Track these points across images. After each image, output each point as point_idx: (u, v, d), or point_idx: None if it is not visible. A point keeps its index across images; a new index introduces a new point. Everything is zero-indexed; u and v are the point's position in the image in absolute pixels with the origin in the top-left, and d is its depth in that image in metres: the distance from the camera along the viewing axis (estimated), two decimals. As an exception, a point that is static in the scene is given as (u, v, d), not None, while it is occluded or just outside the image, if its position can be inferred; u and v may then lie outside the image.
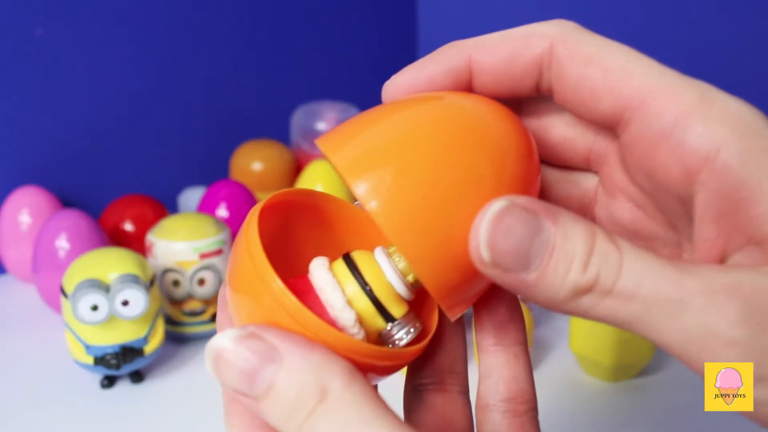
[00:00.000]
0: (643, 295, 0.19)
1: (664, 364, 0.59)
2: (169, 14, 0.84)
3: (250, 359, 0.21)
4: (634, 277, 0.19)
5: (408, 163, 0.21)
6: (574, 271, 0.19)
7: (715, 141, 0.20)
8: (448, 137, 0.22)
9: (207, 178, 0.85)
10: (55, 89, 0.77)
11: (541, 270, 0.20)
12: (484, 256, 0.20)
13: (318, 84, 0.96)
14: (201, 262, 0.61)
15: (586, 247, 0.19)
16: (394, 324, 0.24)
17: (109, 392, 0.56)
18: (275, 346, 0.21)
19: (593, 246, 0.19)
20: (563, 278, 0.19)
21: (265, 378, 0.21)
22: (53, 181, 0.77)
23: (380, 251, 0.24)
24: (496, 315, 0.26)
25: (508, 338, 0.26)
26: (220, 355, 0.21)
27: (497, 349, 0.26)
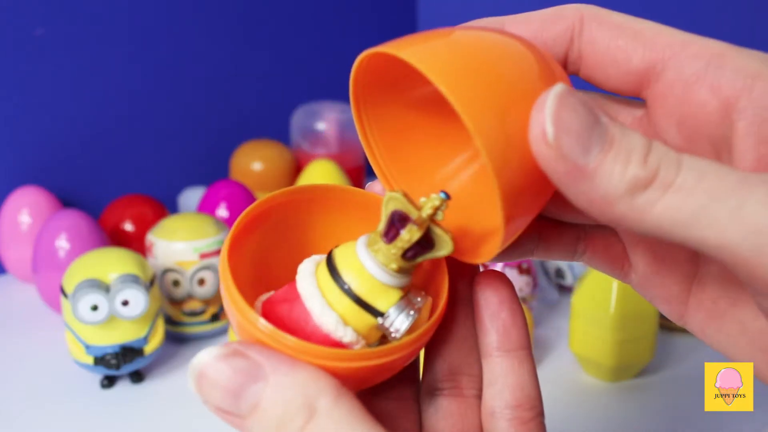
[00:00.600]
0: (706, 188, 0.18)
1: (664, 364, 0.59)
2: (169, 14, 0.84)
3: (234, 377, 0.21)
4: (696, 170, 0.18)
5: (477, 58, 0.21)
6: (634, 163, 0.19)
7: (750, 71, 0.21)
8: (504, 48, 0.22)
9: (207, 178, 0.85)
10: (55, 89, 0.77)
11: (600, 158, 0.19)
12: (548, 131, 0.19)
13: (318, 84, 0.96)
14: (201, 262, 0.61)
15: (644, 143, 0.19)
16: (385, 316, 0.23)
17: (109, 392, 0.56)
18: (260, 363, 0.21)
19: (650, 144, 0.19)
20: (623, 169, 0.19)
21: (251, 396, 0.20)
22: (53, 181, 0.77)
23: (361, 242, 0.23)
24: (498, 319, 0.25)
25: (512, 343, 0.25)
26: (203, 373, 0.21)
27: (501, 354, 0.25)
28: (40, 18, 0.75)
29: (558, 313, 0.66)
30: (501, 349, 0.25)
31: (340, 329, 0.23)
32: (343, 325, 0.23)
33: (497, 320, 0.25)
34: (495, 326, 0.25)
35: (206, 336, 0.64)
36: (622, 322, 0.54)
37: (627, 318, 0.54)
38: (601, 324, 0.54)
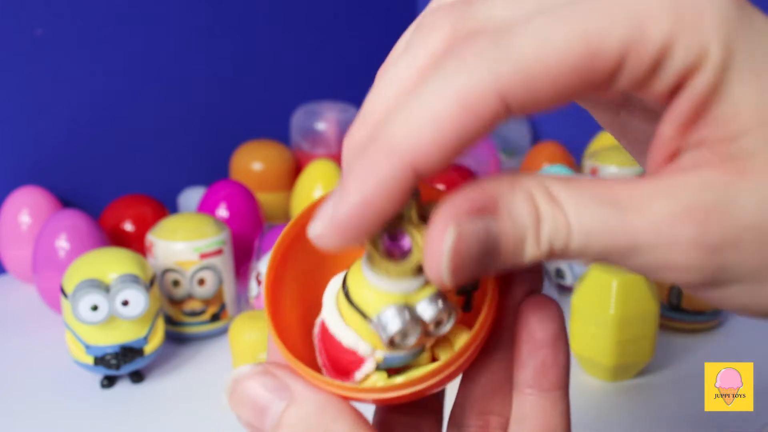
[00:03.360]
0: (596, 248, 0.19)
1: (664, 364, 0.59)
2: (170, 14, 0.84)
3: (263, 394, 0.22)
4: (584, 234, 0.19)
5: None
6: (529, 247, 0.20)
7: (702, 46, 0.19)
8: None
9: (207, 178, 0.85)
10: (55, 89, 0.77)
11: (500, 263, 0.20)
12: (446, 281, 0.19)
13: (318, 84, 0.97)
14: (201, 262, 0.61)
15: (533, 221, 0.19)
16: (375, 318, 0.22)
17: (109, 392, 0.56)
18: (287, 384, 0.22)
19: (539, 215, 0.19)
20: (521, 256, 0.20)
21: (275, 414, 0.22)
22: (53, 181, 0.77)
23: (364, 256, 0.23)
24: (538, 355, 0.23)
25: (548, 383, 0.23)
26: (235, 388, 0.22)
27: (534, 393, 0.23)
28: (40, 18, 0.75)
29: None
30: (535, 387, 0.23)
31: (361, 345, 0.22)
32: (362, 340, 0.22)
33: (537, 358, 0.23)
34: (533, 363, 0.23)
35: (206, 336, 0.64)
36: (622, 322, 0.54)
37: (627, 318, 0.54)
38: (601, 324, 0.54)
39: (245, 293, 0.66)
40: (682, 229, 0.19)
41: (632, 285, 0.54)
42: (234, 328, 0.55)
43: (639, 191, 0.19)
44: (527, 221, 0.19)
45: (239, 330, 0.55)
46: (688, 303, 0.63)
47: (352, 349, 0.23)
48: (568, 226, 0.19)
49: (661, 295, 0.63)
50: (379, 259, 0.22)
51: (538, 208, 0.19)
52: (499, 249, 0.19)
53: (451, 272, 0.19)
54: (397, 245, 0.22)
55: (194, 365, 0.60)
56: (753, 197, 0.18)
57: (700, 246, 0.19)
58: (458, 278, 0.19)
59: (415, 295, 0.22)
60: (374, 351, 0.22)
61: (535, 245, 0.19)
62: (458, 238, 0.19)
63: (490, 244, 0.19)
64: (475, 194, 0.19)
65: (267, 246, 0.67)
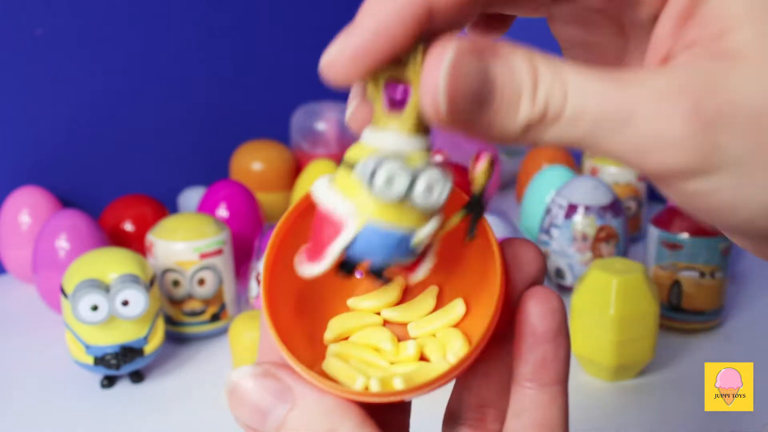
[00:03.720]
0: (591, 114, 0.19)
1: (664, 364, 0.59)
2: (170, 14, 0.84)
3: (264, 397, 0.21)
4: (580, 98, 0.19)
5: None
6: (525, 105, 0.19)
7: None
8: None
9: (207, 178, 0.85)
10: (55, 89, 0.77)
11: (494, 111, 0.19)
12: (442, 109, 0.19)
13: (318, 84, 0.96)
14: (201, 262, 0.61)
15: (531, 78, 0.19)
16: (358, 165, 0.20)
17: (109, 392, 0.56)
18: (290, 386, 0.22)
19: (537, 75, 0.19)
20: (515, 114, 0.19)
21: (277, 417, 0.21)
22: (53, 181, 0.77)
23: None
24: (538, 350, 0.23)
25: (548, 377, 0.23)
26: (235, 389, 0.22)
27: (533, 387, 0.23)
28: (40, 18, 0.75)
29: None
30: (534, 381, 0.23)
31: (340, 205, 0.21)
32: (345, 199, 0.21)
33: (537, 352, 0.23)
34: (533, 358, 0.23)
35: (206, 336, 0.64)
36: (622, 322, 0.54)
37: (627, 318, 0.54)
38: (601, 324, 0.54)
39: (245, 293, 0.66)
40: (678, 101, 0.19)
41: (632, 285, 0.54)
42: (234, 328, 0.55)
43: (638, 73, 0.19)
44: (525, 75, 0.19)
45: (239, 330, 0.55)
46: (688, 303, 0.63)
47: (330, 210, 0.21)
48: (565, 88, 0.19)
49: (661, 295, 0.63)
50: (380, 111, 0.21)
51: (537, 68, 0.19)
52: (495, 95, 0.19)
53: (448, 98, 0.19)
54: (397, 94, 0.21)
55: (194, 365, 0.60)
56: (746, 80, 0.19)
57: (695, 117, 0.18)
58: (454, 110, 0.19)
59: (413, 155, 0.21)
60: (357, 213, 0.20)
61: (530, 102, 0.19)
62: (455, 62, 0.19)
63: (487, 85, 0.19)
64: (476, 40, 0.19)
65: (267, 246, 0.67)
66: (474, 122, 0.19)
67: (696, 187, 0.19)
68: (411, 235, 0.21)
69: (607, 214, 0.68)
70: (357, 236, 0.20)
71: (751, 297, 0.71)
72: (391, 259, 0.21)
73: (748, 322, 0.66)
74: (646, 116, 0.19)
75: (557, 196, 0.71)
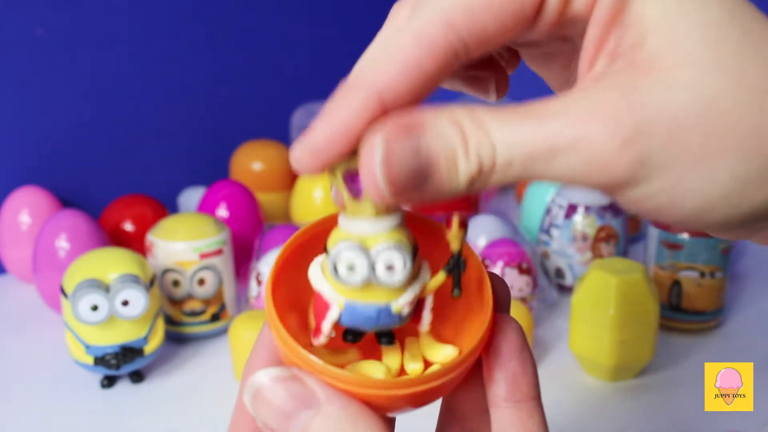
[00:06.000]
0: (520, 158, 0.20)
1: (664, 364, 0.59)
2: (170, 14, 0.84)
3: (289, 401, 0.22)
4: (506, 146, 0.20)
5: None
6: (462, 164, 0.20)
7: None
8: None
9: (207, 178, 0.85)
10: (55, 89, 0.77)
11: (437, 179, 0.20)
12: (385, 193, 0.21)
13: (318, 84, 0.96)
14: (201, 262, 0.61)
15: (461, 137, 0.20)
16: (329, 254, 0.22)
17: (109, 392, 0.56)
18: (315, 392, 0.22)
19: (464, 133, 0.20)
20: (456, 175, 0.20)
21: (301, 421, 0.21)
22: (53, 181, 0.77)
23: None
24: (507, 368, 0.24)
25: (521, 393, 0.24)
26: (259, 391, 0.22)
27: (509, 405, 0.24)
28: (40, 18, 0.75)
29: (558, 313, 0.66)
30: (509, 400, 0.24)
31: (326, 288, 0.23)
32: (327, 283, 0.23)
33: (506, 370, 0.24)
34: (504, 376, 0.24)
35: (206, 336, 0.64)
36: (622, 322, 0.54)
37: (627, 318, 0.54)
38: (601, 324, 0.54)
39: (245, 293, 0.66)
40: (595, 123, 0.20)
41: (632, 285, 0.54)
42: (234, 328, 0.55)
43: (554, 103, 0.20)
44: (454, 138, 0.20)
45: (239, 330, 0.55)
46: (688, 303, 0.63)
47: (320, 292, 0.23)
48: (492, 141, 0.20)
49: (661, 295, 0.63)
50: (347, 198, 0.23)
51: (462, 127, 0.20)
52: (433, 165, 0.20)
53: (388, 183, 0.20)
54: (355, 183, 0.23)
55: (194, 365, 0.60)
56: (657, 89, 0.20)
57: (614, 136, 0.19)
58: (398, 192, 0.20)
59: (375, 238, 0.22)
60: (337, 296, 0.22)
61: (465, 161, 0.20)
62: (387, 148, 0.20)
63: (423, 159, 0.20)
64: (402, 118, 0.21)
65: (267, 246, 0.67)
66: (421, 193, 0.21)
67: (633, 195, 0.20)
68: (390, 306, 0.23)
69: (607, 214, 0.68)
70: (342, 313, 0.22)
71: (751, 297, 0.71)
72: (381, 326, 0.23)
73: (748, 322, 0.66)
74: (571, 143, 0.20)
75: (557, 196, 0.71)
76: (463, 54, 0.22)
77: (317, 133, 0.21)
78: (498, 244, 0.64)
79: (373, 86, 0.21)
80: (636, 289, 0.54)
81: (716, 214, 0.20)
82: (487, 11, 0.21)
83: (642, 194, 0.20)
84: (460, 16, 0.21)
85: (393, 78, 0.21)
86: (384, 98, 0.21)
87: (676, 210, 0.20)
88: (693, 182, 0.20)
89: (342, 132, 0.21)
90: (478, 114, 0.21)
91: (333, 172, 0.22)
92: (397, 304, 0.22)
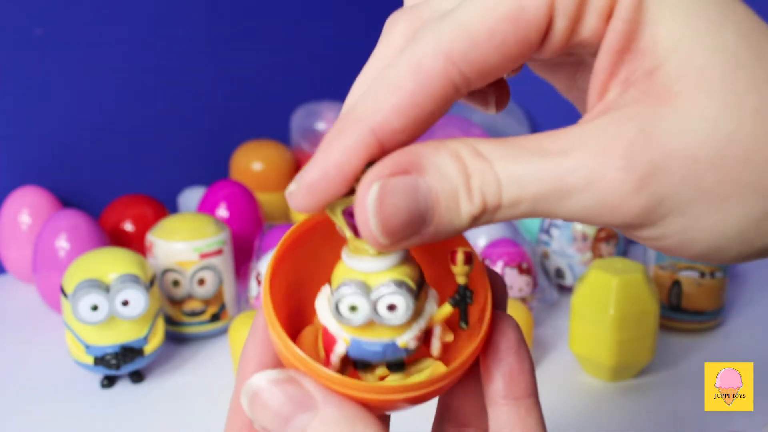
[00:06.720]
0: (528, 197, 0.19)
1: (664, 364, 0.59)
2: (169, 14, 0.84)
3: (286, 403, 0.21)
4: (514, 185, 0.19)
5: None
6: (464, 204, 0.20)
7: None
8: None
9: (207, 178, 0.85)
10: (55, 89, 0.77)
11: (437, 220, 0.20)
12: (383, 243, 0.20)
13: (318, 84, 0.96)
14: (201, 262, 0.61)
15: (463, 176, 0.20)
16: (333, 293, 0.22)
17: (109, 392, 0.56)
18: (312, 394, 0.21)
19: (467, 171, 0.20)
20: (458, 214, 0.20)
21: (299, 424, 0.21)
22: (53, 181, 0.77)
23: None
24: (504, 365, 0.24)
25: (519, 390, 0.24)
26: (257, 394, 0.22)
27: (507, 402, 0.24)
28: (40, 18, 0.75)
29: (558, 313, 0.66)
30: (508, 397, 0.24)
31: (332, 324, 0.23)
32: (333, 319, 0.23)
33: (504, 367, 0.24)
34: (501, 373, 0.24)
35: (206, 336, 0.64)
36: (622, 322, 0.54)
37: (627, 318, 0.54)
38: (601, 324, 0.54)
39: (245, 293, 0.66)
40: (609, 162, 0.19)
41: (632, 285, 0.54)
42: (234, 328, 0.55)
43: (563, 138, 0.20)
44: (456, 177, 0.20)
45: (239, 330, 0.55)
46: (688, 303, 0.63)
47: (327, 327, 0.23)
48: (498, 178, 0.19)
49: (661, 295, 0.63)
50: (349, 236, 0.22)
51: (465, 163, 0.20)
52: (433, 206, 0.20)
53: (384, 233, 0.20)
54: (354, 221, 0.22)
55: (194, 365, 0.60)
56: (674, 123, 0.19)
57: (629, 176, 0.19)
58: (394, 236, 0.20)
59: (377, 276, 0.22)
60: (342, 332, 0.22)
61: (468, 200, 0.20)
62: (381, 191, 0.20)
63: (421, 204, 0.20)
64: (399, 157, 0.20)
65: (267, 246, 0.67)
66: (421, 237, 0.20)
67: (647, 235, 0.20)
68: (395, 342, 0.22)
69: (607, 214, 0.68)
70: (349, 348, 0.23)
71: (751, 297, 0.71)
72: (389, 359, 0.23)
73: (748, 322, 0.66)
74: (584, 183, 0.19)
75: (557, 196, 0.71)
76: (463, 88, 0.21)
77: (312, 171, 0.21)
78: (498, 244, 0.64)
79: (368, 123, 0.20)
80: (636, 289, 0.54)
81: (731, 251, 0.20)
82: (488, 42, 0.20)
83: (656, 235, 0.20)
84: (460, 47, 0.20)
85: (388, 115, 0.20)
86: (379, 135, 0.20)
87: (690, 249, 0.20)
88: (708, 222, 0.19)
89: (337, 170, 0.20)
90: (482, 149, 0.20)
91: (333, 210, 0.22)
92: (402, 340, 0.22)
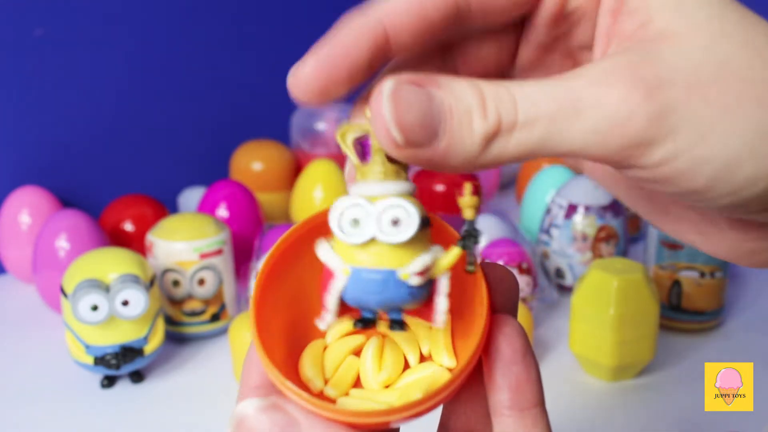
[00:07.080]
0: (544, 113, 0.20)
1: (664, 364, 0.59)
2: (169, 14, 0.84)
3: (271, 430, 0.22)
4: (529, 101, 0.20)
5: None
6: (477, 121, 0.20)
7: None
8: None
9: (207, 178, 0.85)
10: (55, 89, 0.77)
11: (449, 133, 0.20)
12: (396, 137, 0.20)
13: (318, 84, 0.97)
14: (201, 262, 0.61)
15: (477, 96, 0.20)
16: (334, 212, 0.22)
17: (109, 392, 0.56)
18: (297, 420, 0.22)
19: (482, 92, 0.20)
20: (470, 132, 0.20)
21: None
22: (53, 181, 0.77)
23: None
24: (510, 375, 0.23)
25: (526, 401, 0.23)
26: (242, 422, 0.22)
27: (513, 413, 0.23)
28: (40, 18, 0.75)
29: (558, 313, 0.66)
30: (514, 408, 0.23)
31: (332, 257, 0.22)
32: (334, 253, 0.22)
33: (510, 376, 0.23)
34: (507, 382, 0.23)
35: (206, 336, 0.64)
36: (622, 322, 0.54)
37: (627, 318, 0.54)
38: (601, 324, 0.54)
39: (245, 293, 0.66)
40: (618, 78, 0.20)
41: (632, 285, 0.54)
42: (234, 328, 0.55)
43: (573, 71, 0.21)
44: (471, 97, 0.20)
45: (239, 330, 0.55)
46: (688, 303, 0.63)
47: (326, 263, 0.22)
48: (513, 97, 0.20)
49: (661, 295, 0.63)
50: (357, 165, 0.22)
51: (480, 88, 0.20)
52: (446, 118, 0.20)
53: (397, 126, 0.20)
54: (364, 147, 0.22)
55: (194, 365, 0.60)
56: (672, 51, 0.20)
57: (637, 87, 0.20)
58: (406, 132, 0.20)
59: (383, 197, 0.21)
60: (343, 263, 0.21)
61: (482, 117, 0.20)
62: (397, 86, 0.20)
63: (435, 109, 0.20)
64: (415, 75, 0.20)
65: (267, 246, 0.67)
66: (433, 150, 0.20)
67: (657, 157, 0.20)
68: (396, 272, 0.21)
69: (607, 214, 0.68)
70: (348, 283, 0.21)
71: (751, 297, 0.71)
72: (388, 301, 0.21)
73: (748, 322, 0.66)
74: (594, 100, 0.20)
75: (557, 196, 0.71)
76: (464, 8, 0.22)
77: (318, 49, 0.21)
78: (498, 244, 0.64)
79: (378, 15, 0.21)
80: (636, 289, 0.54)
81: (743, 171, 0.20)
82: None
83: (666, 155, 0.20)
84: None
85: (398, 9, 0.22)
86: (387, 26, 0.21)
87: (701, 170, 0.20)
88: (717, 132, 0.20)
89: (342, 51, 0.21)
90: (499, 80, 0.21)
91: (343, 137, 0.22)
92: (404, 271, 0.21)
